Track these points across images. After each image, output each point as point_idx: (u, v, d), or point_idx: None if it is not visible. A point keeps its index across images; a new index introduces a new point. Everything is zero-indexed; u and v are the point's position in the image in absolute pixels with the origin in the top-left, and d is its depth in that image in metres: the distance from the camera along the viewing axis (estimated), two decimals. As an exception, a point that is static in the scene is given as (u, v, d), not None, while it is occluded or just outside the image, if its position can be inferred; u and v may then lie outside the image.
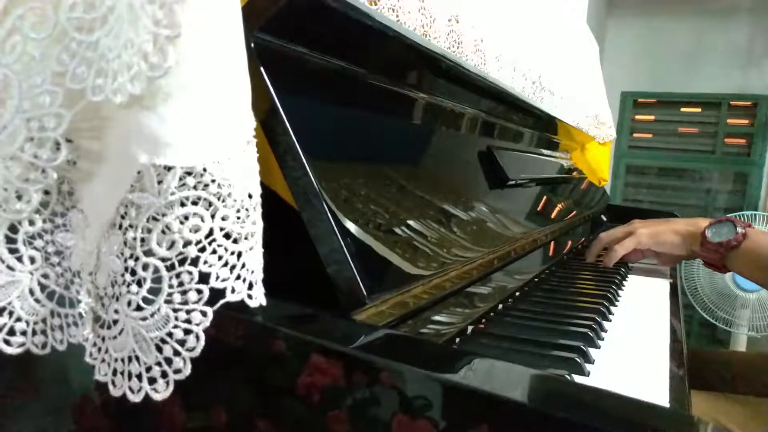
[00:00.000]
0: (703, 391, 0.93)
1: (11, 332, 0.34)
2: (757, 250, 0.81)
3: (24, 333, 0.34)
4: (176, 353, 0.30)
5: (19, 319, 0.34)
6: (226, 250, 0.31)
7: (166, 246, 0.30)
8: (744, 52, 3.06)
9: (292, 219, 0.40)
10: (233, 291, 0.31)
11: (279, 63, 0.42)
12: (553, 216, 1.03)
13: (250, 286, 0.32)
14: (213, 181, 0.30)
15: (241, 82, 0.31)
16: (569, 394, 0.31)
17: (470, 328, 0.54)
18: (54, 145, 0.31)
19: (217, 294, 0.30)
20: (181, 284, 0.30)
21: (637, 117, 3.35)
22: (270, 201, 0.35)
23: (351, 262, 0.39)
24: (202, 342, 0.30)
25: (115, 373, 0.32)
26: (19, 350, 0.34)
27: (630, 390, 0.34)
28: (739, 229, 0.83)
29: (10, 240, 0.33)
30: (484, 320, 0.58)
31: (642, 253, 0.97)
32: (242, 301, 0.31)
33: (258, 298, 0.32)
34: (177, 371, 0.30)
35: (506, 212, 0.79)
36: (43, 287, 0.35)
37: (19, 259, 0.34)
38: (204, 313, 0.30)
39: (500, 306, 0.64)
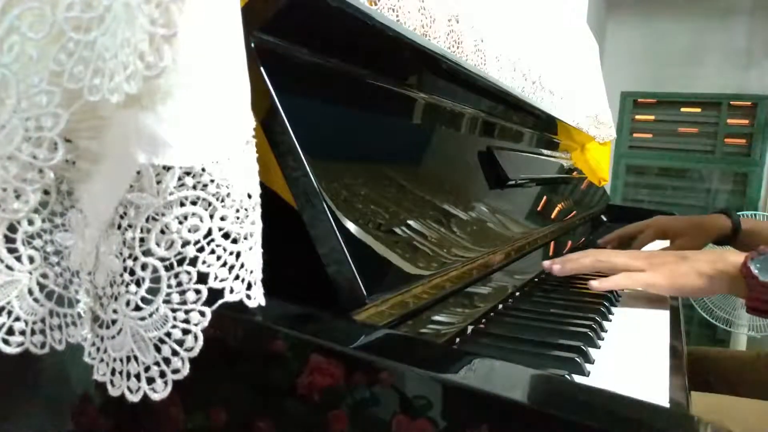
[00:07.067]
0: (703, 392, 0.92)
1: (10, 332, 0.34)
2: None
3: (23, 332, 0.34)
4: (174, 353, 0.30)
5: (17, 319, 0.34)
6: (224, 250, 0.31)
7: (164, 246, 0.30)
8: (744, 52, 3.06)
9: (292, 219, 0.40)
10: (232, 291, 0.31)
11: (279, 63, 0.42)
12: (552, 216, 1.03)
13: (249, 286, 0.32)
14: (212, 181, 0.30)
15: (240, 82, 0.31)
16: (569, 394, 0.30)
17: (470, 328, 0.54)
18: (52, 145, 0.31)
19: (215, 294, 0.30)
20: (179, 284, 0.30)
21: (637, 117, 3.35)
22: (270, 201, 0.35)
23: (351, 262, 0.39)
24: (201, 342, 0.30)
25: (113, 372, 0.32)
26: (18, 350, 0.34)
27: (630, 390, 0.34)
28: None
29: (9, 240, 0.33)
30: (484, 320, 0.58)
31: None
32: (241, 301, 0.31)
33: (257, 299, 0.32)
34: (175, 371, 0.30)
35: (506, 212, 0.79)
36: (42, 287, 0.35)
37: (18, 259, 0.34)
38: (202, 313, 0.30)
39: (500, 306, 0.64)
